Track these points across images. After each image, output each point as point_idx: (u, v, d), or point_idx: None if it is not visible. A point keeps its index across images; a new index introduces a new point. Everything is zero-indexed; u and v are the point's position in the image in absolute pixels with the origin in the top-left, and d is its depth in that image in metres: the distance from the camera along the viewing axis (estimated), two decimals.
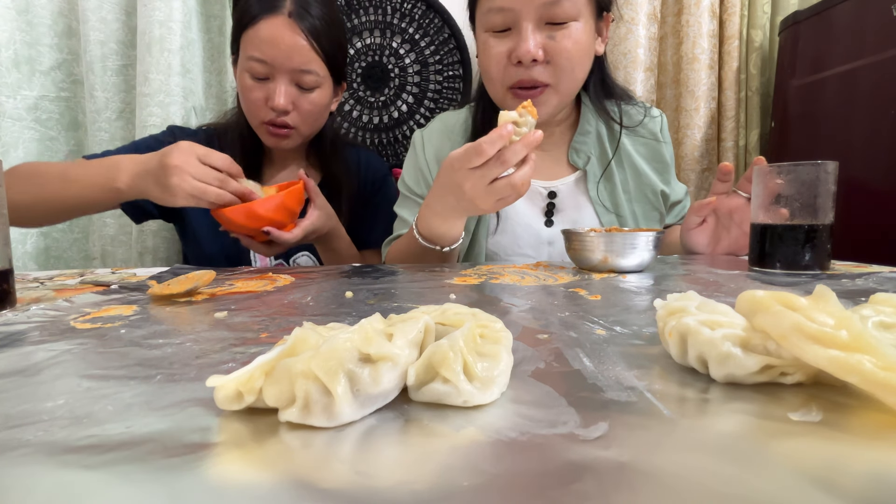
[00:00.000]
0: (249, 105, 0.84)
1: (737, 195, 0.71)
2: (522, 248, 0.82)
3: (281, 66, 0.79)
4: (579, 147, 0.84)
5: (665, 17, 1.37)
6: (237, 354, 0.28)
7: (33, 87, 1.12)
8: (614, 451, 0.17)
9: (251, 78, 0.82)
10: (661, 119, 0.88)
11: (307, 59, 0.80)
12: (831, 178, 0.55)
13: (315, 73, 0.82)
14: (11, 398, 0.22)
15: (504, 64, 0.72)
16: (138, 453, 0.17)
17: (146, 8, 1.06)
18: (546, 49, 0.70)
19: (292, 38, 0.78)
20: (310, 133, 0.89)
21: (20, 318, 0.37)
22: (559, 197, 0.84)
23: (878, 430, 0.18)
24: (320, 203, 0.80)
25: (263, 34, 0.78)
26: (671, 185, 0.88)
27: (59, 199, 0.72)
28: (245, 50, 0.81)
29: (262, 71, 0.80)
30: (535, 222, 0.83)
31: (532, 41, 0.69)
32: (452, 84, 1.38)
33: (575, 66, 0.72)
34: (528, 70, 0.71)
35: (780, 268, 0.57)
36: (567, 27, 0.70)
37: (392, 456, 0.17)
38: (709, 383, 0.23)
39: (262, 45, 0.79)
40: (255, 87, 0.82)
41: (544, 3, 0.68)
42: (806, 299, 0.21)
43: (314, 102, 0.84)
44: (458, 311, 0.27)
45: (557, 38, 0.70)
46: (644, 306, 0.39)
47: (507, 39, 0.72)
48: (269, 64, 0.79)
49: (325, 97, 0.86)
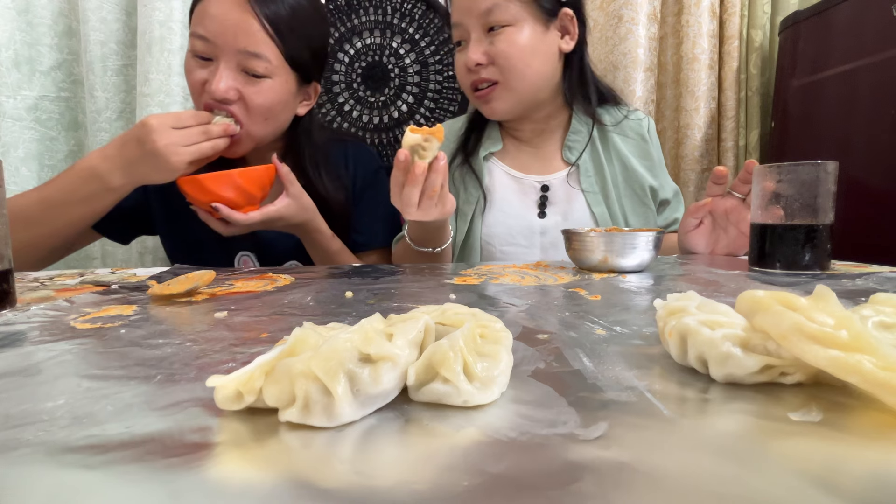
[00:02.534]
0: (191, 88, 0.75)
1: (732, 196, 0.71)
2: (516, 238, 0.87)
3: (224, 45, 0.70)
4: (572, 145, 0.89)
5: (665, 17, 1.37)
6: (237, 354, 0.28)
7: (33, 87, 1.12)
8: (614, 451, 0.17)
9: (193, 57, 0.73)
10: (648, 121, 0.94)
11: (255, 40, 0.71)
12: (831, 178, 0.55)
13: (265, 59, 0.72)
14: (11, 398, 0.22)
15: (464, 71, 0.84)
16: (138, 453, 0.17)
17: (146, 8, 1.06)
18: (488, 53, 0.80)
19: (241, 15, 0.70)
20: (262, 135, 0.77)
21: (20, 318, 0.37)
22: (551, 190, 0.89)
23: (878, 430, 0.18)
24: (294, 192, 0.75)
25: (211, 10, 0.71)
26: (660, 180, 0.91)
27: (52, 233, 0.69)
28: (191, 28, 0.73)
29: (202, 49, 0.71)
30: (529, 213, 0.88)
31: (473, 49, 0.80)
32: (452, 84, 1.38)
33: (517, 65, 0.80)
34: (478, 73, 0.82)
35: (780, 268, 0.57)
36: (503, 31, 0.79)
37: (392, 456, 0.17)
38: (709, 383, 0.23)
39: (205, 20, 0.71)
40: (194, 68, 0.73)
41: (481, 14, 0.79)
42: (806, 299, 0.21)
43: (264, 94, 0.73)
44: (458, 311, 0.27)
45: (495, 42, 0.80)
46: (644, 306, 0.39)
47: (464, 51, 0.83)
48: (210, 42, 0.71)
49: (280, 93, 0.75)
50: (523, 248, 0.86)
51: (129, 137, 0.67)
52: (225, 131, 0.69)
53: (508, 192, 0.89)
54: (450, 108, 1.39)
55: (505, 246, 0.87)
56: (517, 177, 0.90)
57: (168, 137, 0.65)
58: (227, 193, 0.71)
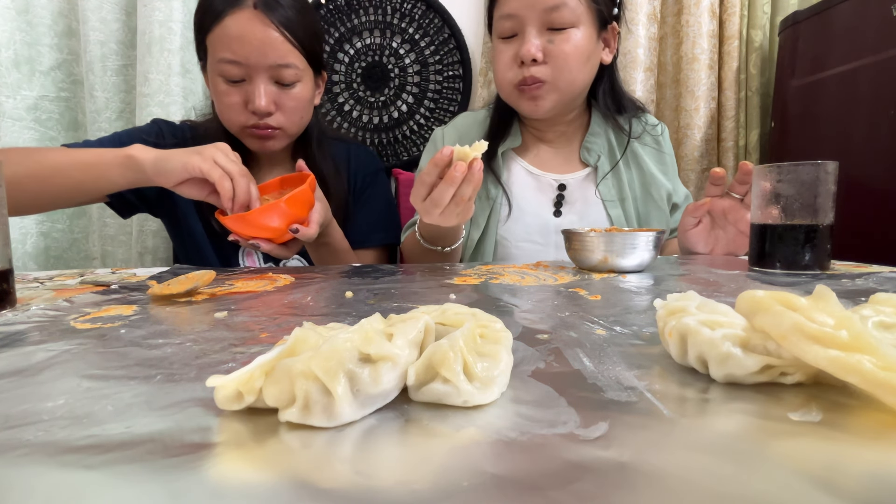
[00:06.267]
0: (226, 111, 0.78)
1: (730, 196, 0.72)
2: (531, 236, 0.88)
3: (256, 64, 0.73)
4: (590, 146, 0.91)
5: (665, 17, 1.37)
6: (237, 354, 0.28)
7: (33, 87, 1.12)
8: (614, 451, 0.17)
9: (225, 82, 0.75)
10: (662, 127, 0.97)
11: (283, 52, 0.74)
12: (831, 178, 0.55)
13: (294, 67, 0.75)
14: (11, 398, 0.22)
15: (510, 65, 0.81)
16: (138, 453, 0.17)
17: (146, 8, 1.06)
18: (545, 51, 0.79)
19: (263, 31, 0.72)
20: (297, 131, 0.84)
21: (20, 318, 0.37)
22: (568, 189, 0.90)
23: (878, 430, 0.18)
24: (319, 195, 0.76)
25: (231, 31, 0.72)
26: (673, 185, 0.94)
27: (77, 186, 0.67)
28: (214, 52, 0.74)
29: (236, 73, 0.74)
30: (545, 212, 0.89)
31: (532, 44, 0.78)
32: (452, 84, 1.38)
33: (572, 67, 0.80)
34: (529, 69, 0.79)
35: (780, 268, 0.57)
36: (566, 32, 0.78)
37: (392, 456, 0.17)
38: (709, 383, 0.23)
39: (231, 44, 0.72)
40: (230, 92, 0.75)
41: (545, 10, 0.77)
42: (806, 299, 0.21)
43: (297, 98, 0.78)
44: (458, 311, 0.27)
45: (556, 42, 0.78)
46: (644, 306, 0.39)
47: (513, 44, 0.81)
48: (242, 64, 0.73)
49: (308, 91, 0.80)
50: (539, 245, 0.87)
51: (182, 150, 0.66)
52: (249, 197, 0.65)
53: (526, 189, 0.90)
54: (450, 108, 1.39)
55: (521, 242, 0.88)
56: (535, 174, 0.91)
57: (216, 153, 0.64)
58: (276, 223, 0.66)
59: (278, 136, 0.80)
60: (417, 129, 1.40)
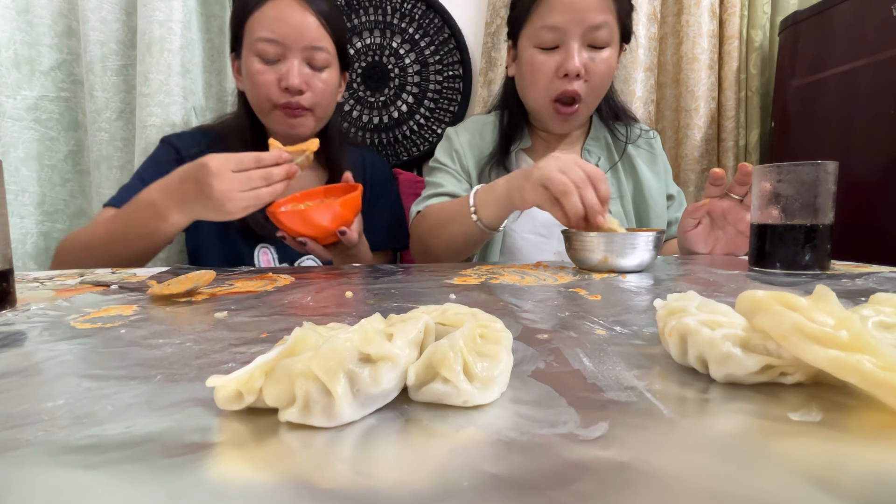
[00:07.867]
0: (260, 90, 0.82)
1: (729, 197, 0.72)
2: (537, 228, 0.91)
3: (293, 44, 0.80)
4: (591, 149, 0.96)
5: (665, 17, 1.36)
6: (237, 354, 0.28)
7: (33, 87, 1.12)
8: (614, 451, 0.17)
9: (261, 61, 0.81)
10: (654, 135, 1.02)
11: (318, 35, 0.81)
12: (831, 178, 0.55)
13: (326, 51, 0.83)
14: (11, 398, 0.22)
15: (551, 77, 0.83)
16: (138, 453, 0.17)
17: (146, 8, 1.06)
18: (586, 67, 0.81)
19: (302, 14, 0.80)
20: (323, 116, 0.89)
21: (20, 318, 0.37)
22: None
23: (878, 430, 0.18)
24: None
25: (272, 14, 0.79)
26: (668, 186, 1.00)
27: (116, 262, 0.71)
28: (252, 33, 0.81)
29: (272, 52, 0.80)
30: None
31: (578, 58, 0.80)
32: (452, 84, 1.38)
33: (605, 86, 0.86)
34: (572, 83, 0.82)
35: (780, 268, 0.57)
36: (603, 51, 0.82)
37: (392, 456, 0.17)
38: (709, 383, 0.23)
39: (272, 24, 0.79)
40: (265, 70, 0.81)
41: (590, 27, 0.79)
42: (806, 299, 0.21)
43: (326, 82, 0.85)
44: (458, 311, 0.27)
45: (596, 60, 0.82)
46: (644, 306, 0.39)
47: (555, 56, 0.82)
48: (280, 43, 0.80)
49: (335, 78, 0.87)
50: (543, 238, 0.91)
51: (189, 175, 0.65)
52: (287, 174, 0.66)
53: None
54: (450, 108, 1.39)
55: (527, 234, 0.91)
56: None
57: (226, 182, 0.63)
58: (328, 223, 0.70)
59: (307, 117, 0.85)
60: (417, 129, 1.40)
